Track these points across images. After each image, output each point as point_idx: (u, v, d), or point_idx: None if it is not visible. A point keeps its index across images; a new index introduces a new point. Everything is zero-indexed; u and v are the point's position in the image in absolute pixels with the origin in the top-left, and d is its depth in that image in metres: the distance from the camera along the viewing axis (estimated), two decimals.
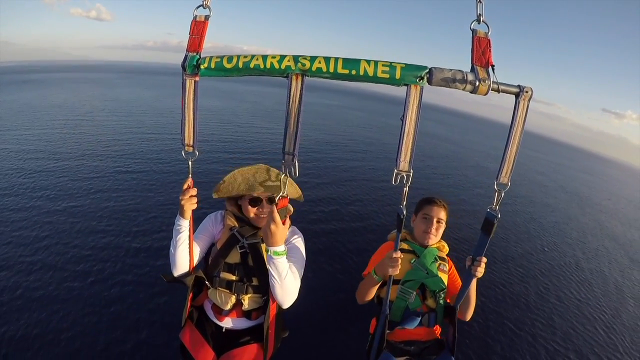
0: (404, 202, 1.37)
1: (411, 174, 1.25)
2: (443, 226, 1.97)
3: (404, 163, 1.24)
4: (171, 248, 1.63)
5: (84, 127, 11.59)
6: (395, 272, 1.62)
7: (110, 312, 3.51)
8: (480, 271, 1.59)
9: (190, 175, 1.49)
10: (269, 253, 1.48)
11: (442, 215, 1.94)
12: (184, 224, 1.58)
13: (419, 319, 1.81)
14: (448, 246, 2.04)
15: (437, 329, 1.94)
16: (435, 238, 1.94)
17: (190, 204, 1.53)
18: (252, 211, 1.69)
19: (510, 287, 5.26)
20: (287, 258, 1.53)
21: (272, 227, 1.38)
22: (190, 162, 1.46)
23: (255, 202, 1.68)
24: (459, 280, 1.96)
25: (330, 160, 11.10)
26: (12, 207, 5.31)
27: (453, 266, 2.02)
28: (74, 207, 5.55)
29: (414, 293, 1.85)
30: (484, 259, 1.56)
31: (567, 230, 9.11)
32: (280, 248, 1.47)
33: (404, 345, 1.89)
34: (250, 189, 1.65)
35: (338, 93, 68.68)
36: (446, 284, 1.90)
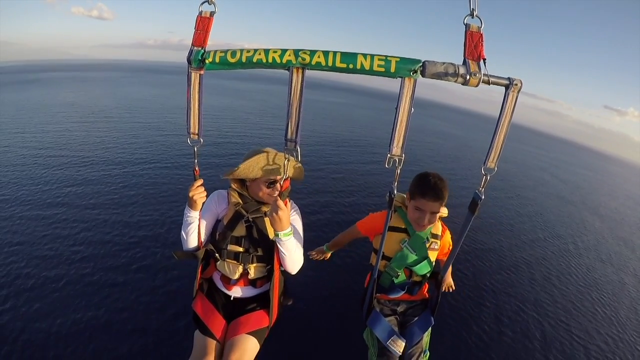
0: (396, 183, 1.47)
1: (403, 158, 1.35)
2: (437, 216, 1.88)
3: (396, 148, 1.34)
4: (182, 234, 1.80)
5: (102, 125, 11.71)
6: None
7: (128, 289, 3.74)
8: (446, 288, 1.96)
9: (195, 161, 1.59)
10: (278, 236, 1.64)
11: (437, 207, 1.82)
12: (195, 215, 1.74)
13: (403, 291, 1.99)
14: (447, 209, 1.98)
15: (426, 286, 2.13)
16: (428, 228, 1.93)
17: (200, 198, 1.67)
18: (266, 191, 1.83)
19: (516, 271, 5.61)
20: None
21: (280, 213, 1.55)
22: (195, 149, 1.55)
23: (272, 184, 1.82)
24: (450, 246, 2.07)
25: (334, 153, 11.23)
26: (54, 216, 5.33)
27: (447, 231, 2.07)
28: (106, 203, 5.71)
29: (401, 272, 1.99)
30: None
31: (568, 222, 9.29)
32: (288, 230, 1.64)
33: (392, 304, 2.10)
34: (269, 174, 1.77)
35: (346, 91, 69.04)
36: (434, 260, 2.02)
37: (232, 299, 1.95)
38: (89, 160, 7.76)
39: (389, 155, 1.34)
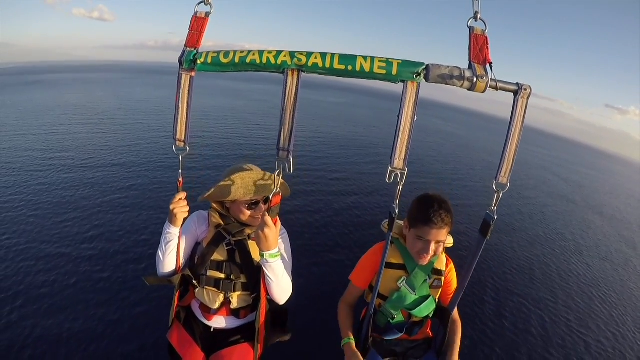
0: (397, 201, 1.32)
1: (406, 172, 1.21)
2: (443, 246, 1.63)
3: (398, 161, 1.21)
4: (159, 253, 1.61)
5: (106, 127, 11.69)
6: None
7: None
8: None
9: (180, 171, 1.47)
10: (263, 257, 1.45)
11: (443, 235, 1.57)
12: (175, 232, 1.57)
13: (401, 333, 1.76)
14: (453, 239, 1.76)
15: (428, 323, 1.89)
16: (430, 263, 1.69)
17: (182, 212, 1.52)
18: (247, 214, 1.66)
19: (518, 268, 5.68)
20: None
21: (266, 231, 1.37)
22: (180, 158, 1.44)
23: (253, 205, 1.66)
24: (455, 283, 1.80)
25: (336, 153, 11.20)
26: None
27: (451, 265, 1.81)
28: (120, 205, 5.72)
29: (398, 313, 1.77)
30: None
31: (569, 221, 9.31)
32: (275, 250, 1.45)
33: (391, 344, 1.86)
34: (247, 194, 1.61)
35: (347, 91, 69.10)
36: (437, 299, 1.77)
37: (212, 330, 1.76)
38: (95, 162, 7.75)
39: (390, 168, 1.21)
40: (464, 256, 1.50)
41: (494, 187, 1.21)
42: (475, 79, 1.10)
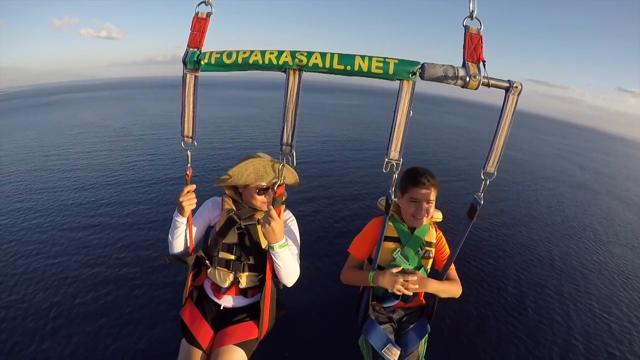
0: (393, 188, 1.43)
1: (401, 162, 1.31)
2: (434, 205, 1.82)
3: (394, 152, 1.30)
4: (169, 237, 1.76)
5: (125, 143, 11.78)
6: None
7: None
8: (412, 289, 1.69)
9: (189, 165, 1.56)
10: (273, 249, 1.57)
11: (432, 195, 1.77)
12: (183, 221, 1.70)
13: (397, 300, 1.88)
14: (442, 214, 1.96)
15: (422, 292, 1.99)
16: (426, 220, 1.84)
17: (189, 204, 1.64)
18: (258, 199, 1.77)
19: (539, 257, 5.67)
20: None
21: (273, 224, 1.48)
22: (189, 152, 1.52)
23: (264, 191, 1.76)
24: (447, 251, 1.94)
25: (348, 160, 11.09)
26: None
27: (440, 235, 1.97)
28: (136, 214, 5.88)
29: None
30: (412, 279, 1.69)
31: (588, 208, 9.17)
32: (282, 241, 1.58)
33: (388, 312, 2.03)
34: (259, 179, 1.72)
35: (359, 93, 68.62)
36: (429, 270, 1.92)
37: (222, 308, 1.88)
38: (117, 178, 7.82)
39: (386, 159, 1.30)
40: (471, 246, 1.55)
41: (482, 175, 1.30)
42: (468, 78, 1.15)
